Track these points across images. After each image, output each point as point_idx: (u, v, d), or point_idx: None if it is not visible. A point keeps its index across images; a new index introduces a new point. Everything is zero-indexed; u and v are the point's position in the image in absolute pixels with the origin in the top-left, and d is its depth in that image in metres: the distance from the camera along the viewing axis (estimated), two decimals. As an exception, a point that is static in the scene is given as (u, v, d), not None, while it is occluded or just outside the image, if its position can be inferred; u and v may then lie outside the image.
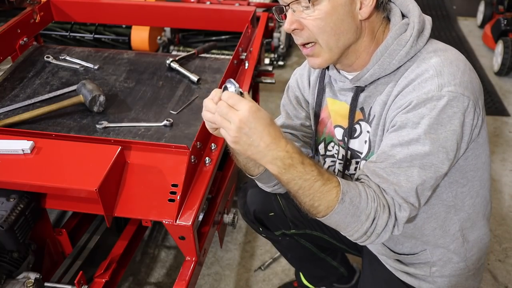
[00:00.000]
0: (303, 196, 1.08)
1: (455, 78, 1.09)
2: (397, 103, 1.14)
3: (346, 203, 1.07)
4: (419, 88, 1.10)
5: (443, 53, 1.15)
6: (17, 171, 1.39)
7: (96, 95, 1.75)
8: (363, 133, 1.28)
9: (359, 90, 1.24)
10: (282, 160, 1.04)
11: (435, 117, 1.08)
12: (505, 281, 2.06)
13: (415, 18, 1.18)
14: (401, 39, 1.16)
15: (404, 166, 1.10)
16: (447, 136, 1.09)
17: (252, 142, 1.02)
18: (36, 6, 2.22)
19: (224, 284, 2.06)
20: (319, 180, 1.07)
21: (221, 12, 2.34)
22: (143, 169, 1.49)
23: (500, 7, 3.94)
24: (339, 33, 1.15)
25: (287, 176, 1.06)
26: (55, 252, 1.76)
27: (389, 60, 1.17)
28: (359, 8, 1.13)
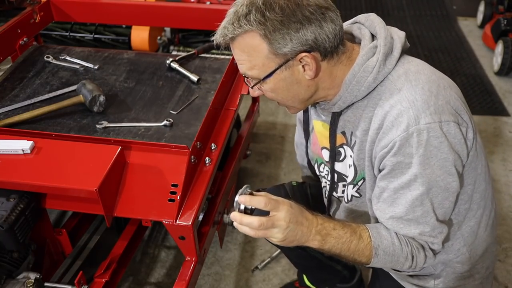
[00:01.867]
0: (345, 256, 1.20)
1: (429, 106, 1.10)
2: (381, 142, 1.15)
3: (380, 256, 1.20)
4: (397, 124, 1.11)
5: (414, 76, 1.15)
6: (17, 171, 1.39)
7: (96, 95, 1.75)
8: (347, 157, 1.30)
9: (336, 114, 1.26)
10: (319, 233, 1.16)
11: (423, 153, 1.11)
12: (505, 281, 2.06)
13: (381, 41, 1.17)
14: (367, 66, 1.16)
15: (418, 211, 1.17)
16: (441, 164, 1.12)
17: (295, 236, 1.14)
18: (36, 6, 2.22)
19: (224, 284, 2.06)
20: (354, 240, 1.19)
21: (221, 12, 2.30)
22: (143, 169, 1.49)
23: (500, 7, 3.94)
24: (292, 97, 1.21)
25: (327, 246, 1.18)
26: (55, 252, 1.76)
27: (358, 87, 1.17)
28: (303, 71, 1.15)
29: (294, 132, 2.95)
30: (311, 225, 1.15)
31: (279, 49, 1.11)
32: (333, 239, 1.17)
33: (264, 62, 1.14)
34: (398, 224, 1.20)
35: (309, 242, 1.17)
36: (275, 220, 1.11)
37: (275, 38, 1.10)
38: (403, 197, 1.16)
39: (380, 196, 1.21)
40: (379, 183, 1.20)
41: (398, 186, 1.16)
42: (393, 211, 1.19)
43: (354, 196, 1.33)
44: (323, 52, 1.13)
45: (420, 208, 1.16)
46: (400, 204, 1.17)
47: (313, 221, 1.16)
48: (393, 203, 1.18)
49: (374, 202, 1.25)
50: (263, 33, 1.09)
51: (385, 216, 1.21)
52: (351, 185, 1.32)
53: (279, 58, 1.13)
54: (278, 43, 1.10)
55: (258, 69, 1.16)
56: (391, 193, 1.18)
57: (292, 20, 1.09)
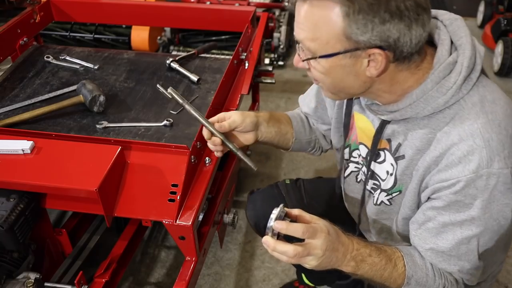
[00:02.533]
0: (376, 282, 1.16)
1: (504, 149, 1.01)
2: (441, 174, 1.06)
3: (412, 285, 1.15)
4: (466, 161, 1.01)
5: (490, 107, 1.03)
6: (17, 171, 1.39)
7: (96, 95, 1.75)
8: (386, 162, 1.21)
9: (385, 123, 1.15)
10: (354, 259, 1.11)
11: (487, 198, 1.03)
12: (505, 281, 2.06)
13: (465, 60, 1.03)
14: (442, 86, 1.03)
15: (463, 248, 1.11)
16: (500, 209, 1.06)
17: (329, 262, 1.08)
18: (36, 6, 2.22)
19: (224, 284, 2.06)
20: (388, 268, 1.13)
21: (221, 12, 2.34)
22: (143, 169, 1.49)
23: (500, 7, 3.94)
24: (341, 87, 1.09)
25: (360, 271, 1.12)
26: (55, 252, 1.76)
27: (423, 106, 1.05)
28: (367, 66, 1.02)
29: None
30: (346, 251, 1.09)
31: (354, 35, 0.96)
32: (368, 265, 1.12)
33: (330, 40, 0.99)
34: (437, 257, 1.14)
35: (343, 267, 1.11)
36: (311, 248, 1.04)
37: (355, 21, 0.95)
38: (451, 232, 1.10)
39: (424, 224, 1.14)
40: (427, 212, 1.12)
41: (449, 222, 1.09)
42: (436, 243, 1.13)
43: (384, 202, 1.28)
44: (398, 55, 1.00)
45: (466, 246, 1.10)
46: (445, 239, 1.11)
47: (349, 247, 1.10)
48: (437, 236, 1.12)
49: (413, 227, 1.18)
50: (346, 10, 0.95)
51: (425, 246, 1.15)
52: (384, 193, 1.26)
53: (349, 43, 0.98)
54: (357, 28, 0.95)
55: (319, 44, 1.01)
56: (438, 226, 1.11)
57: (383, 9, 0.94)
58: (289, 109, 1.56)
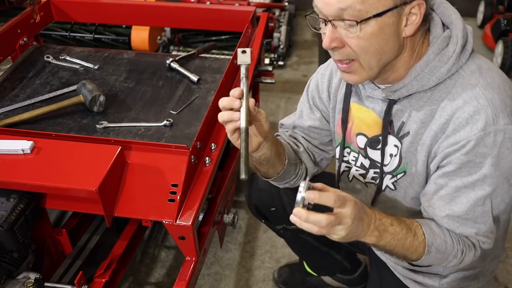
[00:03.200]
0: (397, 252, 1.17)
1: (506, 106, 1.07)
2: (450, 138, 1.10)
3: (432, 253, 1.16)
4: (473, 121, 1.06)
5: (488, 73, 1.10)
6: (17, 171, 1.39)
7: (96, 95, 1.75)
8: (388, 146, 1.24)
9: (392, 102, 1.19)
10: (377, 228, 1.12)
11: (496, 155, 1.08)
12: (505, 281, 2.06)
13: (458, 32, 1.11)
14: (443, 55, 1.10)
15: (478, 210, 1.14)
16: (510, 166, 1.10)
17: (357, 230, 1.08)
18: (36, 6, 2.22)
19: (224, 284, 2.06)
20: (409, 237, 1.14)
21: (221, 12, 2.34)
22: (143, 169, 1.49)
23: (500, 7, 3.94)
24: (382, 53, 1.09)
25: (383, 242, 1.13)
26: (55, 252, 1.76)
27: (428, 77, 1.11)
28: (405, 25, 1.06)
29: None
30: (370, 220, 1.11)
31: None
32: (390, 235, 1.13)
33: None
34: (454, 223, 1.17)
35: (367, 237, 1.12)
36: (342, 217, 1.04)
37: None
38: (464, 196, 1.13)
39: (436, 193, 1.17)
40: (438, 180, 1.16)
41: (461, 185, 1.12)
42: (451, 209, 1.15)
43: (388, 187, 1.30)
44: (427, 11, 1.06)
45: (481, 208, 1.14)
46: (460, 203, 1.14)
47: (372, 217, 1.11)
48: (451, 201, 1.15)
49: (425, 198, 1.20)
50: None
51: (441, 214, 1.17)
52: (389, 175, 1.28)
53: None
54: None
55: (370, 4, 1.00)
56: (451, 191, 1.14)
57: None
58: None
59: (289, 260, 2.14)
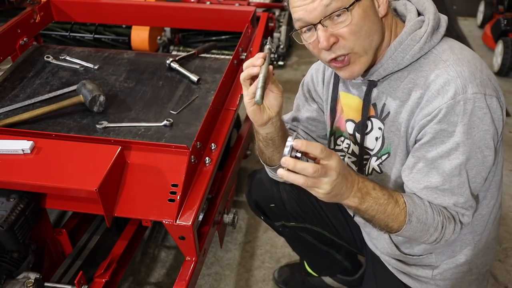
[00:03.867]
0: (379, 219, 1.19)
1: (475, 78, 1.12)
2: (424, 110, 1.15)
3: (413, 223, 1.18)
4: (444, 91, 1.12)
5: (459, 51, 1.18)
6: (17, 171, 1.39)
7: (96, 95, 1.75)
8: (374, 130, 1.30)
9: (372, 84, 1.25)
10: (360, 190, 1.14)
11: (467, 122, 1.12)
12: (505, 281, 2.06)
13: (430, 15, 1.20)
14: (415, 35, 1.18)
15: (455, 181, 1.17)
16: (481, 136, 1.14)
17: (340, 190, 1.10)
18: (36, 6, 2.22)
19: (224, 284, 2.06)
20: (390, 203, 1.17)
21: (221, 12, 2.34)
22: (143, 169, 1.49)
23: (500, 7, 3.94)
24: (372, 34, 1.17)
25: (365, 205, 1.16)
26: (55, 252, 1.76)
27: (402, 55, 1.18)
28: (378, 6, 1.17)
29: (294, 132, 2.88)
30: (354, 180, 1.13)
31: None
32: (372, 199, 1.16)
33: None
34: (432, 194, 1.20)
35: (350, 199, 1.14)
36: (328, 169, 1.05)
37: None
38: (440, 166, 1.17)
39: (414, 167, 1.21)
40: (415, 153, 1.20)
41: (436, 156, 1.16)
42: (429, 181, 1.19)
43: (375, 170, 1.33)
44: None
45: (457, 178, 1.17)
46: (437, 174, 1.18)
47: (355, 178, 1.14)
48: (429, 173, 1.19)
49: (405, 173, 1.23)
50: None
51: (419, 186, 1.21)
52: (374, 157, 1.32)
53: None
54: None
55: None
56: (427, 163, 1.18)
57: None
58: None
59: (289, 260, 2.14)
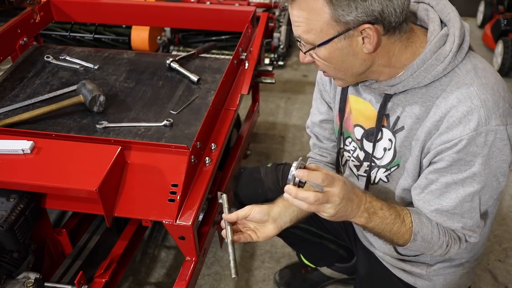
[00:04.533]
0: (385, 236, 1.23)
1: (499, 108, 1.09)
2: (443, 136, 1.12)
3: (418, 241, 1.22)
4: (466, 121, 1.09)
5: (483, 74, 1.12)
6: (17, 171, 1.39)
7: (96, 95, 1.75)
8: (383, 140, 1.27)
9: (388, 97, 1.21)
10: (367, 210, 1.18)
11: (487, 154, 1.10)
12: (505, 281, 2.06)
13: (456, 30, 1.12)
14: (439, 54, 1.11)
15: (466, 206, 1.17)
16: (499, 165, 1.13)
17: (345, 212, 1.14)
18: (36, 6, 2.22)
19: (224, 284, 2.06)
20: (397, 223, 1.20)
21: (221, 12, 2.34)
22: (143, 169, 1.49)
23: (500, 7, 3.94)
24: (344, 69, 1.16)
25: (371, 224, 1.19)
26: (55, 252, 1.76)
27: (424, 74, 1.13)
28: (362, 43, 1.09)
29: (293, 132, 2.93)
30: (360, 202, 1.16)
31: (342, 17, 1.04)
32: (379, 218, 1.19)
33: (323, 27, 1.07)
34: (442, 217, 1.21)
35: (356, 218, 1.18)
36: (330, 195, 1.10)
37: (339, 4, 1.03)
38: (453, 191, 1.16)
39: (427, 188, 1.20)
40: (429, 175, 1.19)
41: (451, 181, 1.15)
42: (440, 203, 1.19)
43: (382, 180, 1.33)
44: (387, 26, 1.07)
45: (469, 204, 1.17)
46: (449, 198, 1.17)
47: (362, 198, 1.17)
48: (441, 196, 1.18)
49: (416, 192, 1.24)
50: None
51: (430, 207, 1.21)
52: (383, 169, 1.30)
53: (339, 26, 1.06)
54: (342, 10, 1.03)
55: (314, 34, 1.09)
56: (441, 187, 1.17)
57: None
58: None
59: (289, 261, 2.14)
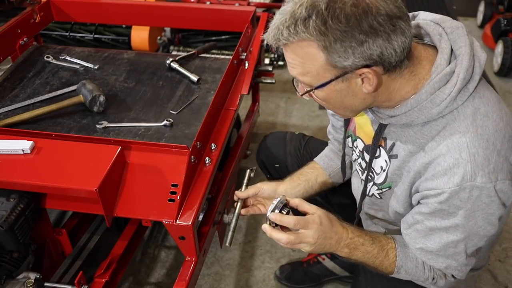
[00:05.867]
0: (369, 267, 1.27)
1: (489, 164, 1.03)
2: (428, 182, 1.09)
3: (402, 274, 1.25)
4: (451, 174, 1.04)
5: (481, 121, 1.05)
6: (17, 171, 1.39)
7: (96, 95, 1.75)
8: (381, 158, 1.25)
9: (383, 126, 1.19)
10: (348, 246, 1.22)
11: (470, 208, 1.07)
12: (505, 281, 2.06)
13: (461, 72, 1.04)
14: (436, 97, 1.05)
15: (450, 251, 1.17)
16: (485, 217, 1.10)
17: (325, 246, 1.19)
18: (36, 6, 2.22)
19: (224, 284, 2.06)
20: (380, 257, 1.23)
21: (221, 12, 2.34)
22: (143, 169, 1.49)
23: (500, 7, 3.94)
24: (344, 107, 1.14)
25: (354, 257, 1.24)
26: (55, 252, 1.76)
27: (418, 115, 1.08)
28: (361, 84, 1.05)
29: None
30: (340, 239, 1.20)
31: (339, 62, 1.00)
32: (360, 252, 1.23)
33: (319, 71, 1.03)
34: (426, 256, 1.21)
35: (337, 252, 1.23)
36: (303, 237, 1.16)
37: (335, 51, 0.98)
38: (437, 235, 1.15)
39: (413, 226, 1.20)
40: (415, 216, 1.18)
41: (435, 227, 1.14)
42: (424, 243, 1.19)
43: (375, 195, 1.33)
44: (387, 66, 1.02)
45: (453, 249, 1.16)
46: (433, 241, 1.17)
47: (343, 235, 1.21)
48: (425, 237, 1.18)
49: (404, 226, 1.24)
50: (323, 44, 0.98)
51: (415, 245, 1.21)
52: (375, 186, 1.30)
53: (336, 70, 1.02)
54: (338, 56, 0.99)
55: (311, 77, 1.06)
56: (425, 228, 1.17)
57: (357, 32, 0.95)
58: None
59: (289, 260, 2.14)
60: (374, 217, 1.42)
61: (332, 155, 1.60)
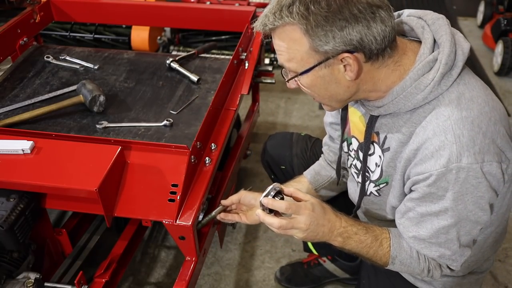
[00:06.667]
0: (363, 257, 1.27)
1: (474, 145, 1.05)
2: (417, 167, 1.11)
3: (396, 264, 1.25)
4: (437, 156, 1.06)
5: (467, 105, 1.07)
6: (17, 171, 1.39)
7: (96, 95, 1.75)
8: (375, 155, 1.27)
9: (374, 117, 1.21)
10: (341, 235, 1.22)
11: (458, 190, 1.08)
12: (505, 281, 2.06)
13: (443, 57, 1.08)
14: (420, 83, 1.08)
15: (442, 237, 1.17)
16: (475, 201, 1.10)
17: (317, 234, 1.19)
18: (36, 6, 2.22)
19: (224, 284, 2.06)
20: (374, 247, 1.24)
21: (221, 12, 2.34)
22: (143, 169, 1.49)
23: (500, 7, 3.94)
24: (329, 96, 1.17)
25: (348, 247, 1.24)
26: (55, 252, 1.76)
27: (404, 102, 1.11)
28: (344, 71, 1.09)
29: (294, 132, 2.87)
30: (333, 227, 1.20)
31: (320, 47, 1.05)
32: (354, 242, 1.23)
33: (303, 56, 1.08)
34: (419, 244, 1.21)
35: (331, 241, 1.23)
36: (295, 223, 1.16)
37: (316, 35, 1.03)
38: (429, 222, 1.16)
39: (405, 214, 1.21)
40: (406, 203, 1.20)
41: (425, 212, 1.15)
42: (417, 231, 1.19)
43: (373, 193, 1.34)
44: (368, 54, 1.06)
45: (445, 236, 1.16)
46: (425, 228, 1.18)
47: (336, 224, 1.21)
48: (418, 224, 1.19)
49: (397, 216, 1.25)
50: (305, 27, 1.03)
51: (408, 234, 1.22)
52: (372, 184, 1.31)
53: (319, 55, 1.07)
54: (320, 40, 1.04)
55: (296, 63, 1.10)
56: (417, 216, 1.18)
57: (338, 17, 1.01)
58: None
59: (289, 260, 2.14)
60: (372, 218, 1.42)
61: (321, 169, 1.61)
